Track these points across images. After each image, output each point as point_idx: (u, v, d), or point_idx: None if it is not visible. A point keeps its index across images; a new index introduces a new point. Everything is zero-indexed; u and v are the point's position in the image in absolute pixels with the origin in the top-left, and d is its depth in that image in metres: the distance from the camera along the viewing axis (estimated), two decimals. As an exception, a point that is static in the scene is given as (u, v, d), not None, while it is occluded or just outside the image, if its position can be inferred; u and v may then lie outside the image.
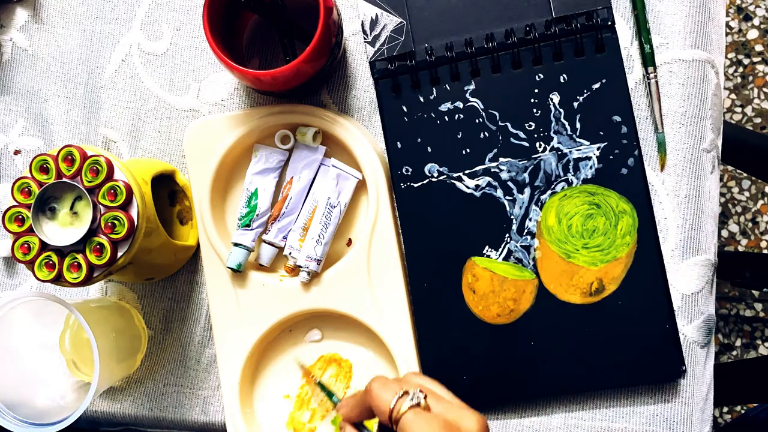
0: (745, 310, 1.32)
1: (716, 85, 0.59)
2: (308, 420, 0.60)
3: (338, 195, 0.58)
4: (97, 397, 0.63)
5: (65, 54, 0.64)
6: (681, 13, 0.58)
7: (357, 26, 0.61)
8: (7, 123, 0.65)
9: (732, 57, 1.38)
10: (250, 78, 0.53)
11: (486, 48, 0.57)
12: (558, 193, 0.57)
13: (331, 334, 0.61)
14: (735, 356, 1.33)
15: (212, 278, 0.59)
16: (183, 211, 0.62)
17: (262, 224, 0.59)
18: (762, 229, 1.35)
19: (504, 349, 0.57)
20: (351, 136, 0.58)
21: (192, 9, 0.63)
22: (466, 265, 0.57)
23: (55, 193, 0.51)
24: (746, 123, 1.37)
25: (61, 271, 0.51)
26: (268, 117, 0.59)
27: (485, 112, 0.58)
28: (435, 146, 0.58)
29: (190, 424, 0.62)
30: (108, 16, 0.64)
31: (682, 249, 0.57)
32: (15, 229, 0.51)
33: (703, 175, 0.58)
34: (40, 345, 0.59)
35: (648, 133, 0.58)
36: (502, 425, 0.58)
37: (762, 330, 1.32)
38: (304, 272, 0.58)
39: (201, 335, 0.62)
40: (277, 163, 0.59)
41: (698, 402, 0.57)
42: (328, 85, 0.61)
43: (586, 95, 0.57)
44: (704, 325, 0.57)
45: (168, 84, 0.63)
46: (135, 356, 0.61)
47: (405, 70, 0.58)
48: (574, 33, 0.57)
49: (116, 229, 0.50)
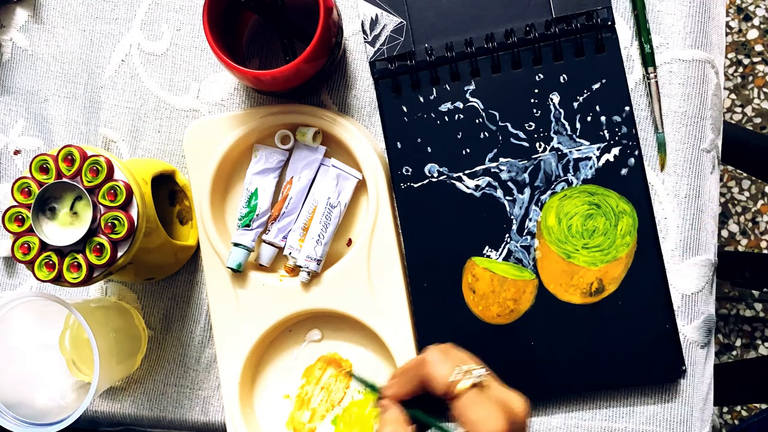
0: (745, 310, 1.32)
1: (716, 85, 0.59)
2: (308, 420, 0.60)
3: (338, 195, 0.58)
4: (97, 397, 0.63)
5: (65, 54, 0.64)
6: (681, 13, 0.58)
7: (357, 26, 0.61)
8: (7, 123, 0.65)
9: (732, 57, 1.38)
10: (250, 78, 0.53)
11: (486, 48, 0.57)
12: (558, 193, 0.57)
13: (331, 334, 0.61)
14: (735, 356, 1.33)
15: (212, 278, 0.59)
16: (183, 211, 0.62)
17: (262, 224, 0.59)
18: (762, 229, 1.35)
19: (504, 349, 0.57)
20: (351, 136, 0.58)
21: (192, 9, 0.63)
22: (466, 265, 0.57)
23: (55, 193, 0.51)
24: (746, 123, 1.37)
25: (61, 271, 0.51)
26: (268, 117, 0.59)
27: (485, 112, 0.58)
28: (435, 146, 0.58)
29: (190, 424, 0.62)
30: (108, 16, 0.64)
31: (682, 249, 0.57)
32: (15, 229, 0.51)
33: (703, 175, 0.58)
34: (40, 345, 0.59)
35: (648, 133, 0.58)
36: (502, 425, 0.58)
37: (762, 330, 1.32)
38: (304, 272, 0.58)
39: (201, 335, 0.62)
40: (277, 163, 0.59)
41: (698, 402, 0.57)
42: (328, 85, 0.61)
43: (586, 95, 0.57)
44: (704, 325, 0.57)
45: (168, 84, 0.63)
46: (135, 356, 0.61)
47: (405, 70, 0.58)
48: (574, 33, 0.57)
49: (116, 229, 0.50)
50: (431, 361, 0.43)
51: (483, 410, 0.42)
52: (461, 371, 0.42)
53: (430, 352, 0.43)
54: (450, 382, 0.41)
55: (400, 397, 0.45)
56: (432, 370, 0.42)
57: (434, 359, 0.43)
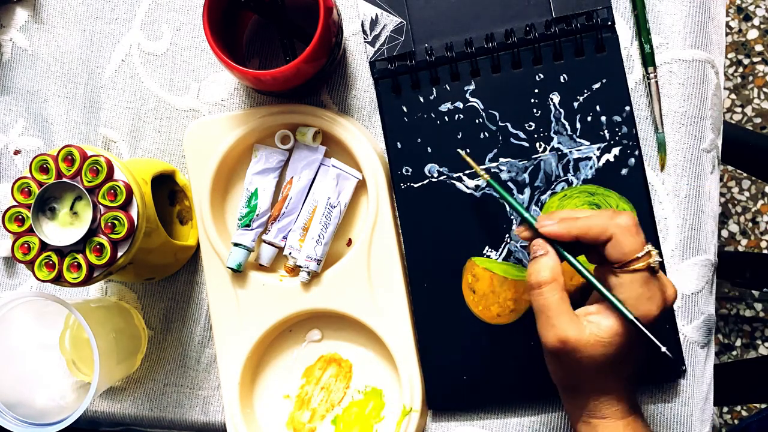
0: (745, 310, 1.32)
1: (716, 85, 0.59)
2: (308, 420, 0.60)
3: (338, 195, 0.58)
4: (97, 397, 0.63)
5: (65, 54, 0.64)
6: (681, 13, 0.58)
7: (357, 26, 0.61)
8: (7, 123, 0.65)
9: (732, 57, 1.38)
10: (250, 78, 0.53)
11: (486, 48, 0.57)
12: (558, 193, 0.57)
13: (331, 334, 0.61)
14: (735, 356, 1.33)
15: (212, 278, 0.59)
16: (183, 211, 0.62)
17: (262, 224, 0.59)
18: (762, 229, 1.35)
19: (504, 349, 0.57)
20: (351, 136, 0.58)
21: (192, 9, 0.63)
22: (466, 266, 0.57)
23: (55, 193, 0.51)
24: (746, 123, 1.37)
25: (61, 271, 0.51)
26: (268, 117, 0.59)
27: (485, 113, 0.58)
28: (435, 146, 0.58)
29: (190, 424, 0.62)
30: (108, 16, 0.64)
31: (682, 249, 0.57)
32: (15, 229, 0.51)
33: (703, 175, 0.58)
34: (40, 345, 0.59)
35: (648, 133, 0.58)
36: (502, 425, 0.58)
37: (762, 330, 1.32)
38: (304, 272, 0.58)
39: (201, 335, 0.62)
40: (277, 163, 0.59)
41: (698, 402, 0.57)
42: (328, 85, 0.61)
43: (586, 95, 0.57)
44: (704, 325, 0.57)
45: (168, 84, 0.63)
46: (135, 356, 0.61)
47: (405, 70, 0.58)
48: (574, 33, 0.57)
49: (116, 229, 0.50)
50: (625, 226, 0.44)
51: (649, 291, 0.44)
52: (649, 249, 0.43)
53: (626, 218, 0.44)
54: (642, 254, 0.43)
55: (557, 238, 0.46)
56: (622, 236, 0.44)
57: (630, 226, 0.44)
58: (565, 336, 0.44)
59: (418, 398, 0.57)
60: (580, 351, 0.44)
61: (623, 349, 0.45)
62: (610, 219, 0.44)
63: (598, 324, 0.45)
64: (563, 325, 0.45)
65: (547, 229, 0.46)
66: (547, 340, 0.45)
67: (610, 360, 0.45)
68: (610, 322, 0.45)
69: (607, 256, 0.45)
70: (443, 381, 0.58)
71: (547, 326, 0.45)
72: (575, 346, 0.44)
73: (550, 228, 0.46)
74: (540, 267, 0.46)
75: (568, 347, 0.44)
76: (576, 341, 0.44)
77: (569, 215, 0.46)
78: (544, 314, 0.45)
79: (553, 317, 0.45)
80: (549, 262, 0.46)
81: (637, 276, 0.44)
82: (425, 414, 0.58)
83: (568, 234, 0.46)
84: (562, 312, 0.45)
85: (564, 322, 0.45)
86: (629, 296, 0.44)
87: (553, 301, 0.45)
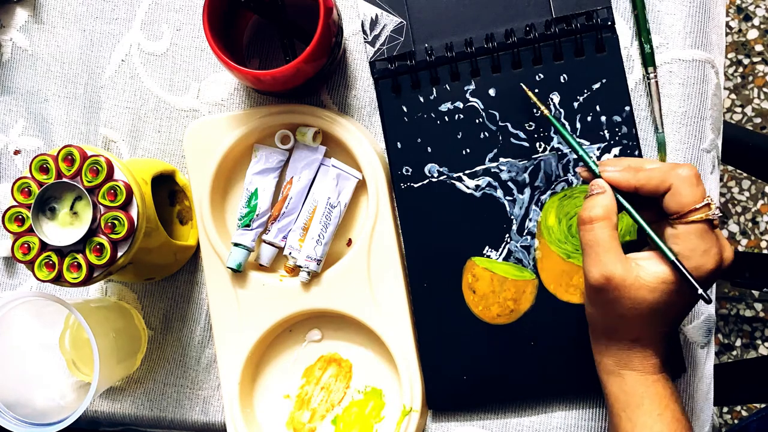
0: (745, 310, 1.32)
1: (716, 85, 0.59)
2: (308, 420, 0.60)
3: (338, 195, 0.58)
4: (97, 397, 0.63)
5: (65, 54, 0.64)
6: (681, 13, 0.58)
7: (357, 26, 0.61)
8: (7, 123, 0.65)
9: (732, 57, 1.38)
10: (250, 78, 0.53)
11: (486, 48, 0.57)
12: (558, 193, 0.57)
13: (331, 334, 0.61)
14: (735, 356, 1.33)
15: (212, 278, 0.59)
16: (183, 211, 0.62)
17: (262, 224, 0.59)
18: (762, 229, 1.35)
19: (504, 349, 0.57)
20: (351, 136, 0.58)
21: (192, 9, 0.63)
22: (466, 266, 0.57)
23: (55, 193, 0.51)
24: (746, 123, 1.37)
25: (61, 271, 0.51)
26: (268, 117, 0.59)
27: (485, 112, 0.58)
28: (435, 146, 0.58)
29: (190, 424, 0.62)
30: (108, 16, 0.64)
31: (682, 249, 0.57)
32: (15, 229, 0.51)
33: (703, 175, 0.58)
34: (40, 345, 0.59)
35: (648, 133, 0.58)
36: (502, 425, 0.58)
37: (762, 330, 1.32)
38: (304, 272, 0.58)
39: (201, 335, 0.62)
40: (277, 163, 0.59)
41: (698, 402, 0.57)
42: (328, 85, 0.61)
43: (586, 95, 0.57)
44: (704, 325, 0.57)
45: (168, 84, 0.63)
46: (135, 356, 0.61)
47: (405, 70, 0.58)
48: (574, 33, 0.57)
49: (116, 229, 0.50)
50: (686, 176, 0.43)
51: (705, 245, 0.42)
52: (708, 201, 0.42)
53: (686, 169, 0.43)
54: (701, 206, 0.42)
55: (616, 185, 0.45)
56: (681, 186, 0.42)
57: (690, 177, 0.43)
58: (611, 273, 0.43)
59: (418, 398, 0.57)
60: (623, 291, 0.43)
61: (667, 299, 0.43)
62: (671, 169, 0.44)
63: (646, 268, 0.44)
64: (610, 262, 0.43)
65: (609, 174, 0.45)
66: (591, 276, 0.44)
67: (652, 308, 0.43)
68: (659, 268, 0.44)
69: (665, 207, 0.43)
70: (443, 381, 0.58)
71: (593, 262, 0.44)
72: (619, 284, 0.43)
73: (611, 174, 0.45)
74: (594, 203, 0.45)
75: (611, 284, 0.43)
76: (621, 279, 0.43)
77: (634, 164, 0.45)
78: (593, 249, 0.44)
79: (601, 253, 0.44)
80: (604, 200, 0.45)
81: (693, 227, 0.42)
82: (425, 414, 0.58)
83: (627, 183, 0.45)
84: (611, 249, 0.44)
85: (611, 259, 0.43)
86: (684, 248, 0.43)
87: (603, 238, 0.44)
